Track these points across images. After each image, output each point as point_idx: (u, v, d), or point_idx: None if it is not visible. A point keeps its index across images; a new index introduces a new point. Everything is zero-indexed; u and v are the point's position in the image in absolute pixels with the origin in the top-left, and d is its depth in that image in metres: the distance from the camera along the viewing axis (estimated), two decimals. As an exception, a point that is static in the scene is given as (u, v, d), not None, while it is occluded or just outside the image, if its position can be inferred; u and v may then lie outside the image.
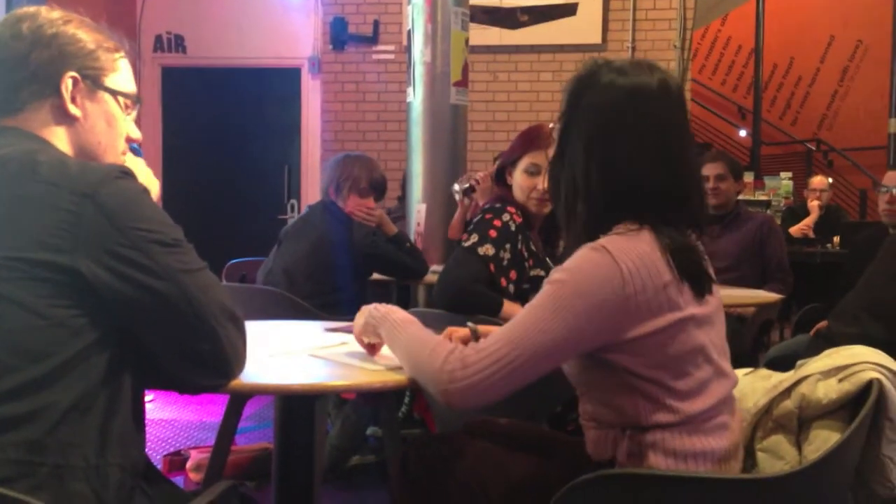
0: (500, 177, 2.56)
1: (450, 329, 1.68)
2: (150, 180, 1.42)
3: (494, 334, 1.32)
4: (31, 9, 1.30)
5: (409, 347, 1.42)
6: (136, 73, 1.42)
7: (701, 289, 1.35)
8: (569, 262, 1.33)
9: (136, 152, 1.47)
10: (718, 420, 1.39)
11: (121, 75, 1.36)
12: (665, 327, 1.31)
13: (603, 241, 1.33)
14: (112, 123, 1.35)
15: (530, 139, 2.50)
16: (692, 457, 1.35)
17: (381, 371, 1.53)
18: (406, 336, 1.44)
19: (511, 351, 1.28)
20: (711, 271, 1.43)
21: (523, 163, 2.48)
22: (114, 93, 1.35)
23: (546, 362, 1.31)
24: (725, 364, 1.43)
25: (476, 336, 1.62)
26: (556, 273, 1.33)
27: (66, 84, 1.28)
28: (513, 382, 1.29)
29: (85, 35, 1.31)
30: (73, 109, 1.29)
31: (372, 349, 1.61)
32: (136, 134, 1.42)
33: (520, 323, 1.30)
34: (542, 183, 2.43)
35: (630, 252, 1.30)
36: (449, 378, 1.28)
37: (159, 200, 1.39)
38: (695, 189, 1.43)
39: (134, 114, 1.40)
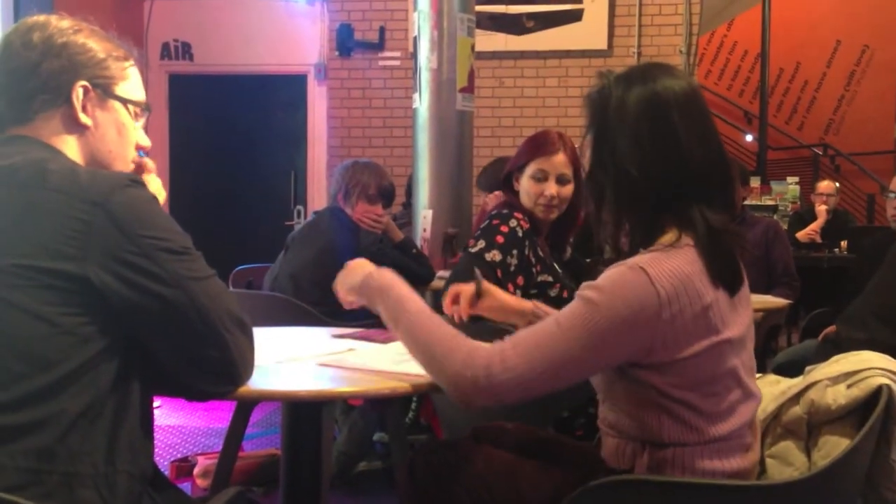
0: (507, 183, 2.56)
1: (454, 288, 1.69)
2: (158, 190, 1.43)
3: (523, 348, 1.28)
4: (42, 18, 1.30)
5: (416, 337, 1.37)
6: (144, 80, 1.43)
7: (733, 285, 1.35)
8: (605, 281, 1.30)
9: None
10: (742, 441, 1.38)
11: (130, 84, 1.37)
12: (700, 351, 1.30)
13: (642, 260, 1.31)
14: (122, 132, 1.36)
15: (537, 145, 2.50)
16: (710, 475, 1.34)
17: (388, 377, 1.53)
18: (412, 322, 1.39)
19: (537, 367, 1.27)
20: (745, 280, 1.41)
21: (530, 169, 2.48)
22: (124, 101, 1.35)
23: (572, 377, 1.32)
24: (753, 384, 1.42)
25: (479, 289, 1.63)
26: (590, 291, 1.30)
27: (78, 93, 1.29)
28: (535, 393, 1.30)
29: (95, 44, 1.32)
30: (84, 118, 1.30)
31: (349, 303, 1.58)
32: (145, 142, 1.42)
33: (548, 340, 1.28)
34: (549, 189, 2.43)
35: (670, 274, 1.28)
36: (472, 383, 1.27)
37: (166, 206, 1.40)
38: (731, 177, 1.45)
39: (143, 121, 1.41)
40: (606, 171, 1.42)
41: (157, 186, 1.44)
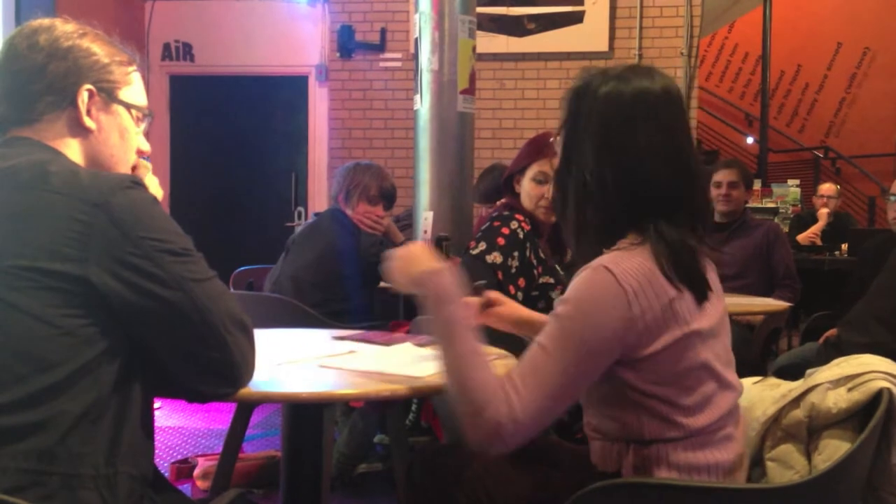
0: (508, 185, 2.56)
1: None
2: (155, 189, 1.43)
3: (527, 387, 1.27)
4: (47, 21, 1.31)
5: (461, 373, 1.31)
6: (145, 81, 1.43)
7: (699, 293, 1.35)
8: (572, 292, 1.32)
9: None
10: (723, 433, 1.39)
11: (133, 88, 1.38)
12: (671, 344, 1.31)
13: (605, 260, 1.32)
14: (125, 136, 1.36)
15: (538, 148, 2.50)
16: (697, 470, 1.35)
17: (389, 379, 1.53)
18: (461, 354, 1.33)
19: (548, 397, 1.27)
20: (714, 276, 1.42)
21: (531, 171, 2.48)
22: (127, 106, 1.36)
23: (580, 390, 1.35)
24: (731, 375, 1.42)
25: (484, 299, 1.66)
26: (562, 306, 1.31)
27: (83, 96, 1.29)
28: (555, 417, 1.33)
29: (99, 49, 1.32)
30: (88, 122, 1.30)
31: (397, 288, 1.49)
32: (145, 146, 1.43)
33: (543, 368, 1.28)
34: (549, 191, 2.44)
35: (634, 271, 1.30)
36: (496, 432, 1.26)
37: (166, 207, 1.40)
38: (699, 189, 1.43)
39: (144, 126, 1.41)
40: (570, 173, 1.42)
41: (153, 186, 1.44)
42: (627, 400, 1.35)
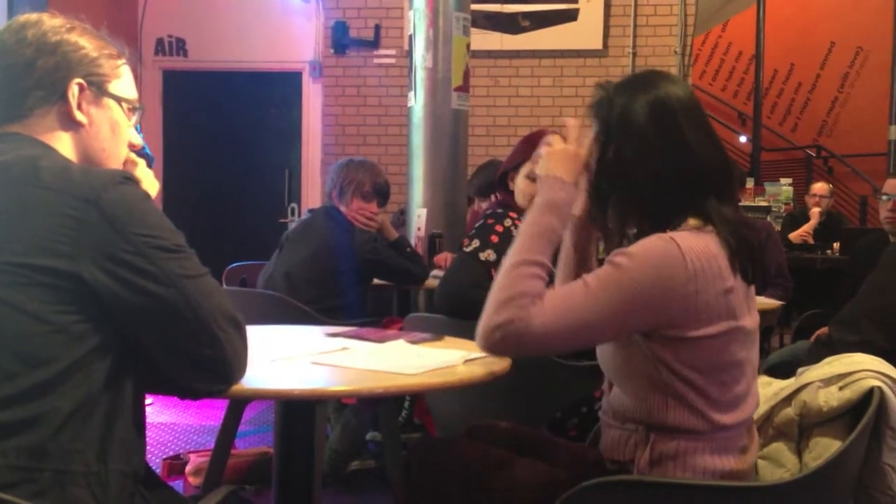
0: (503, 182, 2.56)
1: None
2: (151, 183, 1.43)
3: (552, 303, 1.30)
4: (34, 16, 1.30)
5: (511, 272, 1.34)
6: (137, 76, 1.42)
7: (751, 274, 1.37)
8: (636, 248, 1.32)
9: (148, 158, 1.47)
10: (741, 443, 1.39)
11: (123, 82, 1.37)
12: (718, 333, 1.32)
13: (674, 234, 1.34)
14: (116, 130, 1.36)
15: (533, 145, 2.49)
16: (709, 474, 1.35)
17: (382, 376, 1.53)
18: (523, 261, 1.35)
19: (560, 322, 1.29)
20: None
21: (526, 168, 2.47)
22: (118, 99, 1.35)
23: (591, 338, 1.37)
24: (755, 384, 1.44)
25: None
26: (621, 257, 1.32)
27: (73, 91, 1.29)
28: (552, 348, 1.41)
29: (88, 42, 1.32)
30: (79, 116, 1.30)
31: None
32: (137, 140, 1.42)
33: (575, 299, 1.30)
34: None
35: (699, 251, 1.31)
36: (505, 329, 1.28)
37: (159, 202, 1.39)
38: (731, 168, 1.47)
39: (135, 119, 1.40)
40: (616, 169, 1.43)
41: (148, 180, 1.43)
42: (660, 381, 1.35)
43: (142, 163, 1.47)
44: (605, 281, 1.30)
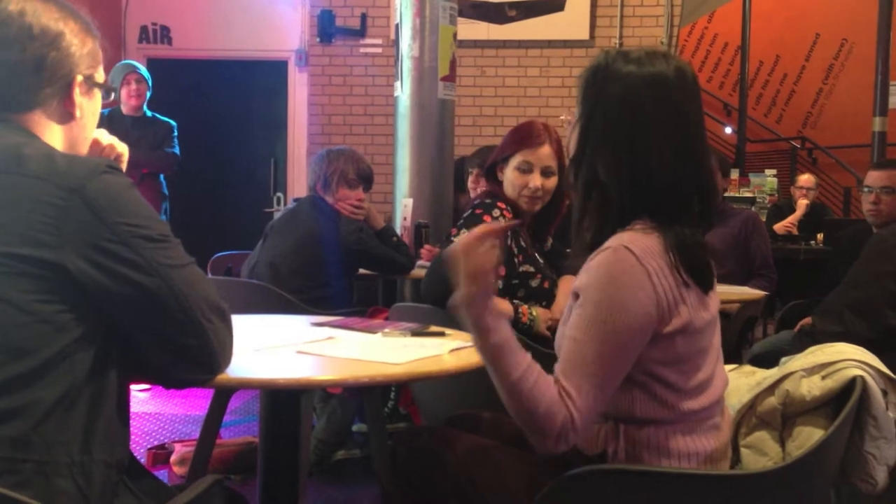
0: (491, 173, 2.55)
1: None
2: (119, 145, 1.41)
3: (574, 383, 1.27)
4: (29, 6, 1.23)
5: (519, 399, 1.27)
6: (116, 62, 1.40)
7: (705, 284, 1.36)
8: (594, 277, 1.31)
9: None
10: (712, 421, 1.40)
11: (101, 66, 1.35)
12: (683, 326, 1.32)
13: (624, 239, 1.32)
14: (95, 116, 1.35)
15: (523, 137, 2.49)
16: (685, 456, 1.36)
17: (367, 366, 1.53)
18: (514, 382, 1.27)
19: (594, 386, 1.27)
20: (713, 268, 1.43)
21: (515, 160, 2.47)
22: (100, 87, 1.34)
23: (618, 374, 1.31)
24: (720, 366, 1.44)
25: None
26: (585, 293, 1.30)
27: (77, 88, 1.27)
28: (603, 407, 1.32)
29: (79, 29, 1.27)
30: (76, 109, 1.28)
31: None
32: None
33: (580, 358, 1.28)
34: (533, 181, 2.44)
35: (652, 252, 1.31)
36: (564, 440, 1.26)
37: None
38: (708, 180, 1.43)
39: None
40: (583, 162, 1.42)
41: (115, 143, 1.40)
42: (626, 378, 1.34)
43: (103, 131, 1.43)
44: (587, 327, 1.28)
